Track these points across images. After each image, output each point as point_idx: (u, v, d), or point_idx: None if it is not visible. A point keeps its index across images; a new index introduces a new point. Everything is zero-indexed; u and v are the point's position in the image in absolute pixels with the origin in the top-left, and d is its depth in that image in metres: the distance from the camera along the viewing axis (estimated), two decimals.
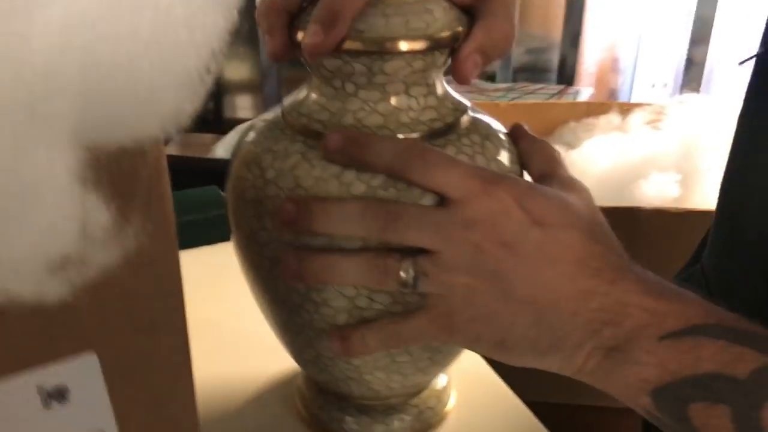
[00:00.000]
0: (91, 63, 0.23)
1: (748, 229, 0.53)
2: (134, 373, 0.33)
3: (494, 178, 0.40)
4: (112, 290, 0.30)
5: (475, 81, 2.05)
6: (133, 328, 0.32)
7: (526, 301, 0.40)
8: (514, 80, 2.14)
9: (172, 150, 1.84)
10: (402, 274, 0.40)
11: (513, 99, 1.79)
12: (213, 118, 2.16)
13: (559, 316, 0.40)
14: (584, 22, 2.15)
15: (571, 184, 0.44)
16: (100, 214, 0.26)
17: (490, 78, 2.17)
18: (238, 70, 2.08)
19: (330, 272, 0.41)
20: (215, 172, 0.60)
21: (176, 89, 0.26)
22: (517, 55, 2.19)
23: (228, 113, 2.19)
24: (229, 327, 0.66)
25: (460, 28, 0.42)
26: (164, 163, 0.29)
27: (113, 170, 0.27)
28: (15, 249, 0.24)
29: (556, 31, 2.21)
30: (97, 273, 0.27)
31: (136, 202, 0.29)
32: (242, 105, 2.18)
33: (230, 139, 1.54)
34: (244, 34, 2.07)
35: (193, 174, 0.85)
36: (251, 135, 0.46)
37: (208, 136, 1.97)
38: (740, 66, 0.54)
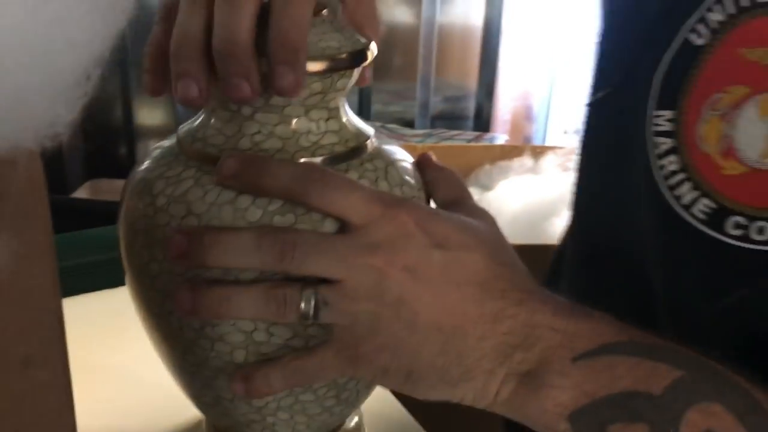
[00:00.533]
0: None
1: (611, 267, 0.54)
2: (4, 417, 0.30)
3: (395, 201, 0.39)
4: None
5: (394, 126, 2.07)
6: (4, 363, 0.29)
7: (431, 326, 0.39)
8: (432, 127, 2.17)
9: (82, 195, 1.78)
10: (302, 305, 0.38)
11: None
12: (127, 165, 2.11)
13: (466, 342, 0.39)
14: (498, 72, 2.22)
15: (476, 211, 0.44)
16: None
17: (409, 124, 2.20)
18: (152, 116, 2.04)
19: (226, 306, 0.39)
20: None
21: (48, 92, 0.23)
22: (435, 103, 2.23)
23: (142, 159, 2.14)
24: (131, 374, 0.63)
25: (358, 50, 0.41)
26: (40, 177, 0.27)
27: None
28: None
29: (472, 80, 2.27)
30: None
31: (4, 220, 0.26)
32: None
33: None
34: None
35: (101, 218, 0.82)
36: (145, 163, 0.44)
37: (119, 182, 1.92)
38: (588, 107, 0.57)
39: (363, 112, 2.17)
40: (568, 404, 0.39)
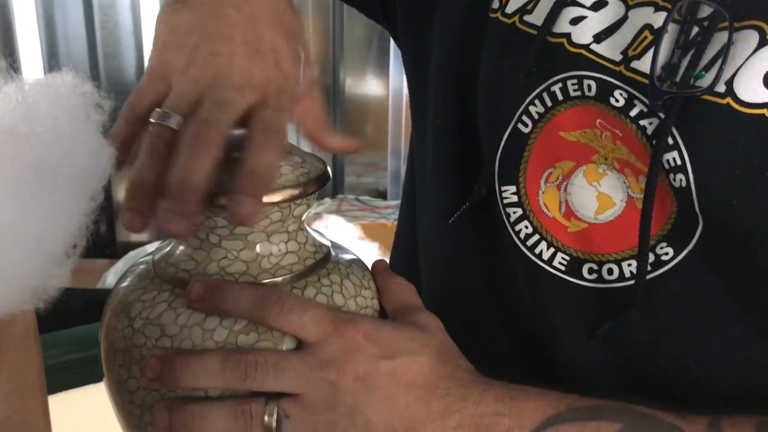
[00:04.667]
0: None
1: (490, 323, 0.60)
2: None
3: (344, 318, 0.44)
4: None
5: (366, 198, 2.12)
6: None
7: (385, 430, 0.43)
8: None
9: (63, 279, 1.80)
10: (266, 418, 0.42)
11: None
12: (106, 243, 2.14)
13: None
14: None
15: (423, 316, 0.48)
16: None
17: (382, 195, 2.26)
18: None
19: (199, 422, 0.42)
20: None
21: (43, 270, 0.28)
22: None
23: (121, 236, 2.17)
24: None
25: (312, 178, 0.46)
26: (34, 332, 0.31)
27: None
28: None
29: None
30: None
31: (3, 374, 0.30)
32: None
33: (121, 267, 1.53)
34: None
35: (83, 305, 0.85)
36: (123, 284, 0.48)
37: (100, 262, 1.94)
38: None
39: (336, 185, 2.23)
40: None
